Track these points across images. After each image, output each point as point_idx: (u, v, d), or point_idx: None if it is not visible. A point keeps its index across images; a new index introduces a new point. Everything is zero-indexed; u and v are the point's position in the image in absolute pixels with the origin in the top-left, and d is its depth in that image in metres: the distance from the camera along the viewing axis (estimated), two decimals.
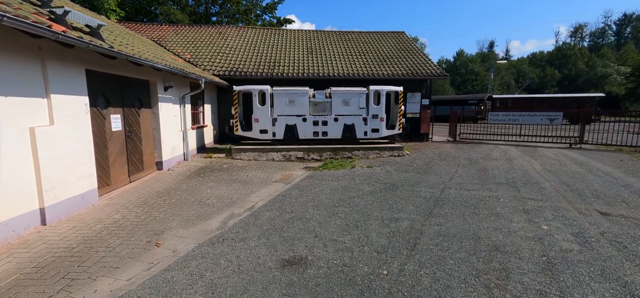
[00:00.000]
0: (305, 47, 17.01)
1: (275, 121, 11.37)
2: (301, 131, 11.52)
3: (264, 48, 16.41)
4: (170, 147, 9.04)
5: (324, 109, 11.60)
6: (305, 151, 11.12)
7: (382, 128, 11.74)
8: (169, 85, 8.68)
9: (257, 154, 10.94)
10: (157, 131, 8.35)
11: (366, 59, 15.93)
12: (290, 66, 14.75)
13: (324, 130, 11.60)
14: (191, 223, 4.98)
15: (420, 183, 7.43)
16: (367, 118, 11.63)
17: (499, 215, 5.26)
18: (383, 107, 11.61)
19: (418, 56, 16.32)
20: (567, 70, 65.04)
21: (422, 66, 15.10)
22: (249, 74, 13.74)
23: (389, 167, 9.34)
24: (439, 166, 9.42)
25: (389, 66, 15.21)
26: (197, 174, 8.32)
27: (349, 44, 17.71)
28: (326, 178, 7.99)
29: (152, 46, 10.24)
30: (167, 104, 8.86)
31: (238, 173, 8.65)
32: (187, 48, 15.59)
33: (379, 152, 11.37)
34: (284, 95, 11.28)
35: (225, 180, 7.80)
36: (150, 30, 17.14)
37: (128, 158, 7.03)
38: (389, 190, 6.86)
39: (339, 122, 11.58)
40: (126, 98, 7.02)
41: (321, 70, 14.46)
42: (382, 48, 17.27)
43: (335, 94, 11.46)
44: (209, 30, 18.28)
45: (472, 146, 13.60)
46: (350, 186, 7.21)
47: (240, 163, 10.05)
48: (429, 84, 14.98)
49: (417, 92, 14.90)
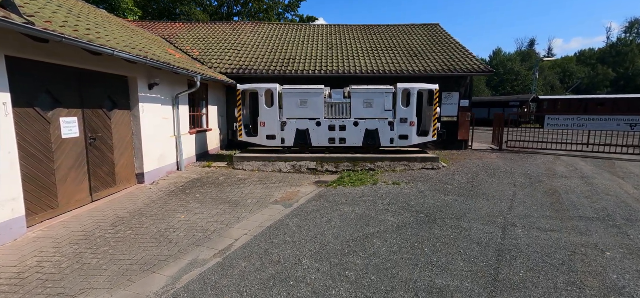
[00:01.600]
0: (325, 42, 15.28)
1: (284, 125, 9.72)
2: (314, 137, 9.77)
3: (279, 44, 14.89)
4: (157, 155, 7.65)
5: (341, 112, 9.78)
6: (318, 161, 9.36)
7: (412, 134, 9.71)
8: (154, 82, 7.29)
9: (262, 163, 9.33)
10: (137, 137, 6.97)
11: (394, 53, 13.90)
12: (307, 62, 13.09)
13: (341, 136, 9.78)
14: (127, 279, 3.38)
15: (467, 212, 5.40)
16: (393, 122, 9.66)
17: (619, 289, 3.17)
18: (413, 109, 9.59)
19: (455, 49, 14.03)
20: (623, 68, 58.17)
21: (460, 61, 12.83)
22: (260, 72, 12.24)
23: (421, 185, 7.34)
24: (488, 185, 7.27)
25: (420, 61, 13.09)
26: (182, 190, 6.83)
27: (375, 38, 15.75)
28: (339, 200, 6.18)
29: (136, 36, 8.96)
30: (153, 105, 7.49)
31: (233, 188, 7.07)
32: (197, 45, 14.43)
33: (408, 164, 9.35)
34: (294, 95, 9.61)
35: (212, 199, 6.23)
36: (161, 28, 16.24)
37: (90, 172, 5.65)
38: (423, 224, 4.91)
39: (359, 126, 9.71)
40: (89, 97, 5.65)
41: (341, 67, 12.66)
42: (413, 42, 15.14)
43: (356, 94, 9.61)
44: (223, 26, 17.10)
45: (525, 156, 11.14)
46: (370, 214, 5.35)
47: (240, 175, 8.49)
48: (469, 82, 12.68)
49: (454, 91, 12.64)
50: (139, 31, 10.29)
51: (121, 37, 6.90)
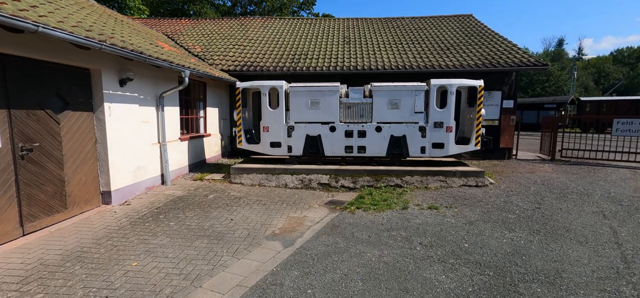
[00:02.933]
0: (341, 36, 13.58)
1: (291, 130, 8.07)
2: (328, 146, 8.06)
3: (290, 39, 13.32)
4: (132, 168, 6.17)
5: (361, 114, 8.02)
6: (332, 174, 7.64)
7: (448, 142, 7.82)
8: (127, 76, 5.82)
9: (265, 177, 7.71)
10: (102, 146, 5.50)
11: (421, 47, 12.01)
12: (320, 58, 11.43)
13: (360, 144, 8.01)
14: None
15: (561, 270, 3.51)
16: (425, 127, 7.81)
17: None
18: (451, 112, 7.70)
19: (496, 41, 11.97)
20: None
21: (503, 54, 10.79)
22: (266, 69, 10.68)
23: (468, 211, 5.48)
24: (565, 215, 5.30)
25: (454, 55, 11.14)
26: (155, 215, 5.29)
27: (398, 32, 13.89)
28: (359, 235, 4.43)
29: (109, 21, 7.55)
30: (127, 106, 6.02)
31: (222, 212, 5.47)
32: (200, 41, 13.08)
33: (445, 179, 7.47)
34: (304, 94, 7.95)
35: (189, 231, 4.64)
36: (166, 25, 15.05)
37: (20, 195, 4.17)
38: (499, 296, 3.08)
39: (383, 132, 7.92)
40: (20, 94, 4.20)
41: (361, 62, 10.91)
42: (443, 34, 13.18)
43: (379, 93, 7.84)
44: (230, 22, 15.75)
45: (589, 170, 8.97)
46: (406, 267, 3.57)
47: (236, 191, 6.90)
48: (514, 79, 10.59)
49: (496, 90, 10.61)
50: (127, 22, 8.93)
51: (77, 17, 5.46)
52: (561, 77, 48.88)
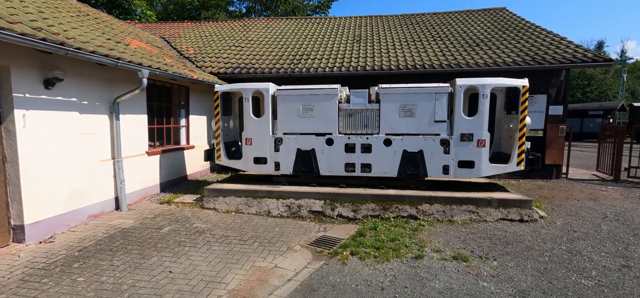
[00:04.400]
0: (352, 35, 11.98)
1: (279, 143, 6.53)
2: (324, 163, 6.44)
3: (293, 40, 11.90)
4: (66, 193, 4.85)
5: (365, 124, 6.34)
6: (327, 200, 5.99)
7: (480, 159, 5.94)
8: (54, 76, 4.53)
9: (245, 201, 6.19)
10: (12, 166, 4.21)
11: (445, 44, 10.16)
12: (324, 59, 9.88)
13: (364, 161, 6.32)
14: None
15: None
16: (449, 141, 5.99)
17: None
18: (484, 120, 5.84)
19: (537, 34, 9.89)
20: None
21: (549, 48, 8.73)
22: (261, 71, 9.28)
23: (513, 266, 3.64)
24: None
25: (486, 52, 9.21)
26: (68, 263, 3.88)
27: (418, 28, 12.09)
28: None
29: (47, 9, 6.36)
30: (56, 113, 4.73)
31: (164, 256, 3.99)
32: (197, 43, 11.95)
33: (476, 209, 5.59)
34: (294, 99, 6.41)
35: (97, 294, 3.17)
36: (166, 28, 14.13)
37: None
38: None
39: (393, 147, 6.19)
40: None
41: (370, 62, 9.24)
42: (472, 29, 11.24)
43: (388, 96, 6.14)
44: (232, 24, 14.64)
45: None
46: None
47: (202, 221, 5.41)
48: (564, 79, 8.48)
49: (540, 94, 8.55)
50: (97, 17, 7.78)
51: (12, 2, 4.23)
52: (605, 81, 44.27)
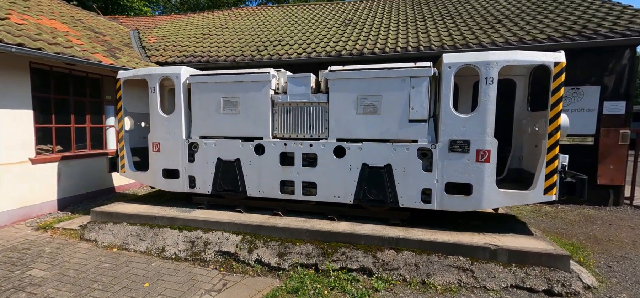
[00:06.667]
0: (342, 19, 9.91)
1: (194, 149, 4.69)
2: (252, 179, 4.47)
3: (274, 27, 10.07)
4: None
5: (308, 124, 4.31)
6: (247, 235, 4.05)
7: (482, 180, 3.63)
8: None
9: (138, 230, 4.42)
10: None
11: (455, 22, 7.78)
12: (296, 45, 7.93)
13: (307, 179, 4.26)
14: None
15: None
16: (431, 151, 3.77)
17: None
18: (487, 119, 3.55)
19: (589, 4, 7.21)
20: None
21: (607, 19, 6.10)
22: (214, 60, 7.55)
23: None
24: None
25: (511, 28, 6.75)
26: None
27: (425, 8, 9.72)
28: None
29: None
30: None
31: None
32: (164, 33, 10.54)
33: (470, 267, 3.33)
34: (213, 88, 4.55)
35: None
36: (147, 21, 12.98)
37: None
38: None
39: (347, 158, 4.08)
40: None
41: (350, 46, 7.15)
42: (494, 5, 8.71)
43: (338, 83, 4.06)
44: (219, 14, 13.10)
45: None
46: None
47: (45, 267, 3.68)
48: (629, 63, 5.79)
49: (590, 85, 5.94)
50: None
51: None
52: None
